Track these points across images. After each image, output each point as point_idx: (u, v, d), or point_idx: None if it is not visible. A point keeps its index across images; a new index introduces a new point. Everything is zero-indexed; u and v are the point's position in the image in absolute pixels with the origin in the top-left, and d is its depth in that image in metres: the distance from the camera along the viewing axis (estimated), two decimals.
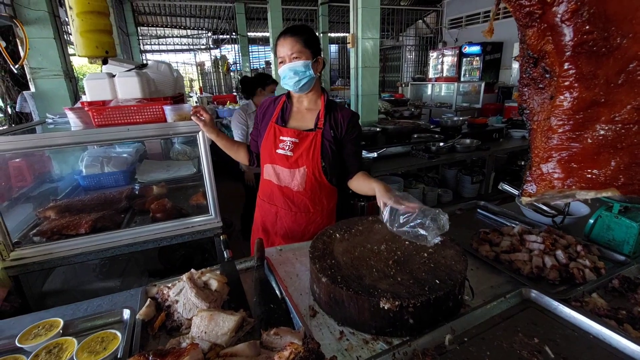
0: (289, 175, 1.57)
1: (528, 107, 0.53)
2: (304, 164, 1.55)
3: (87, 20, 0.99)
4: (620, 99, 0.45)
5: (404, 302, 0.92)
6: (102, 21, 1.01)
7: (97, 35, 1.02)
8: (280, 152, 1.56)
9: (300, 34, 1.48)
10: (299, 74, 1.48)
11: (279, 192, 1.62)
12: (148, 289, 1.20)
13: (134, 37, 8.60)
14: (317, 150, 1.53)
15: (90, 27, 0.99)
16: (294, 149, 1.55)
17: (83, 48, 1.01)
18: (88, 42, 1.02)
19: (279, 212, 1.66)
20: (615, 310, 1.02)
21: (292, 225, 1.65)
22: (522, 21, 0.48)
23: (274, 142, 1.58)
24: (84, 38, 0.99)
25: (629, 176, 0.44)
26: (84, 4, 0.98)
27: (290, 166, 1.56)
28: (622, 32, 0.44)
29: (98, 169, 2.37)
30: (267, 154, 1.60)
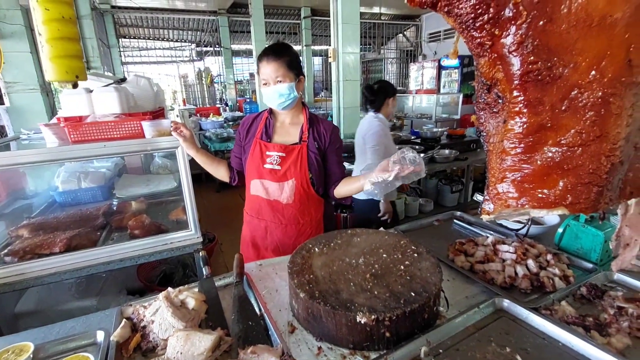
0: (277, 188, 1.60)
1: (484, 130, 0.56)
2: (292, 176, 1.58)
3: (57, 46, 0.99)
4: (565, 124, 0.48)
5: (380, 316, 0.93)
6: (73, 47, 1.00)
7: (67, 61, 1.02)
8: (268, 166, 1.59)
9: (283, 56, 1.51)
10: (283, 96, 1.53)
11: (268, 207, 1.63)
12: (123, 309, 1.17)
13: (115, 49, 8.49)
14: (304, 162, 1.58)
15: (60, 53, 0.98)
16: (281, 163, 1.58)
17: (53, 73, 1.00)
18: (58, 67, 1.01)
19: (268, 227, 1.67)
20: (583, 317, 1.06)
21: (283, 238, 1.67)
22: (474, 51, 0.52)
23: (261, 157, 1.60)
24: (54, 64, 0.98)
25: (575, 195, 0.48)
26: (53, 30, 0.97)
27: (278, 179, 1.59)
28: (564, 62, 0.48)
29: (75, 185, 2.32)
30: (255, 170, 1.62)
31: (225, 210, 5.05)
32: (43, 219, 1.97)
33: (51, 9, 0.95)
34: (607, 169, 0.47)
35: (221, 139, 5.54)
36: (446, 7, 0.50)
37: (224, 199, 5.59)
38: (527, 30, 0.47)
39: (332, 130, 1.64)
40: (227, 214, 4.84)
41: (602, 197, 0.48)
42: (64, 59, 1.00)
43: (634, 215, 0.74)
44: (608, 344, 0.97)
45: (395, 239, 1.34)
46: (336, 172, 1.66)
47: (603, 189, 0.48)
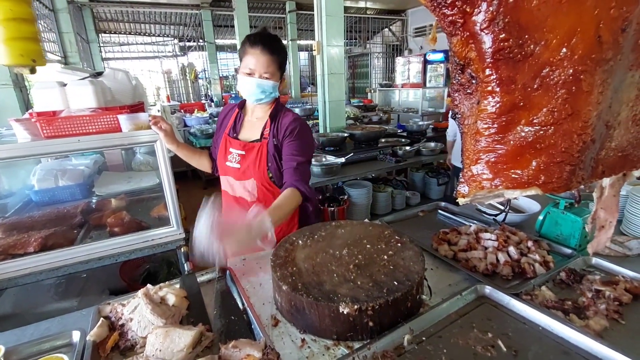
0: (240, 186, 1.57)
1: (459, 112, 0.55)
2: (252, 175, 1.53)
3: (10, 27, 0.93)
4: (538, 102, 0.48)
5: (363, 306, 0.93)
6: (27, 28, 0.95)
7: (21, 43, 0.97)
8: (228, 164, 1.57)
9: (278, 54, 1.46)
10: (265, 93, 1.48)
11: (235, 203, 1.60)
12: (101, 308, 1.14)
13: (95, 44, 8.25)
14: (262, 161, 1.51)
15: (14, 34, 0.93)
16: (241, 161, 1.54)
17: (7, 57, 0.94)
18: (12, 50, 0.96)
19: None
20: (562, 301, 1.08)
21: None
22: (447, 29, 0.51)
23: (224, 154, 1.58)
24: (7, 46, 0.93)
25: (548, 175, 0.47)
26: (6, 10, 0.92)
27: (239, 178, 1.56)
28: (535, 40, 0.47)
29: (52, 183, 2.24)
30: (220, 166, 1.62)
31: None
32: (17, 219, 1.90)
33: None
34: (579, 148, 0.46)
35: (206, 135, 5.46)
36: None
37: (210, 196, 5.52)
38: (498, 7, 0.46)
39: (290, 122, 1.50)
40: None
41: (575, 176, 0.48)
42: (17, 41, 0.94)
43: (609, 198, 0.74)
44: (586, 326, 0.99)
45: (380, 229, 1.34)
46: (290, 165, 1.46)
47: (575, 167, 0.47)
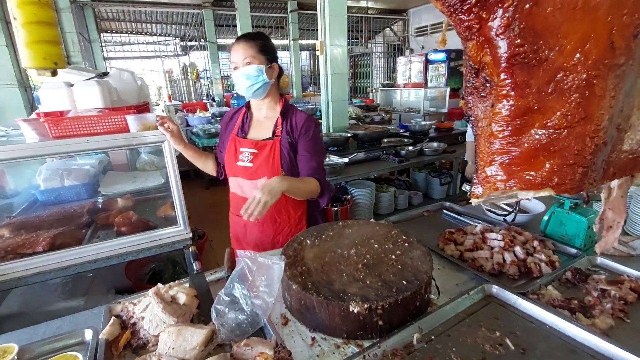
0: (251, 186, 1.55)
1: (473, 115, 0.56)
2: (264, 174, 1.51)
3: (33, 31, 0.95)
4: (552, 106, 0.49)
5: (373, 305, 0.94)
6: (50, 32, 0.96)
7: (45, 47, 0.98)
8: (240, 164, 1.55)
9: (254, 40, 1.46)
10: (251, 79, 1.45)
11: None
12: (112, 307, 1.16)
13: (97, 43, 8.25)
14: (276, 159, 1.51)
15: (37, 38, 0.94)
16: (253, 160, 1.53)
17: (30, 60, 0.96)
18: (35, 53, 0.97)
19: (247, 224, 1.64)
20: (568, 300, 1.09)
21: (261, 237, 1.64)
22: (462, 34, 0.52)
23: (234, 154, 1.57)
24: (31, 49, 0.94)
25: (561, 176, 0.48)
26: (29, 14, 0.93)
27: (251, 177, 1.54)
28: (549, 45, 0.48)
29: (57, 183, 2.25)
30: (229, 167, 1.61)
31: (214, 207, 5.00)
32: (25, 218, 1.91)
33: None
34: (592, 150, 0.48)
35: (209, 135, 5.47)
36: None
37: (213, 196, 5.54)
38: (513, 13, 0.47)
39: (305, 122, 1.53)
40: (217, 211, 4.79)
41: (587, 178, 0.49)
42: (41, 45, 0.95)
43: (617, 199, 0.76)
44: (593, 325, 1.00)
45: (386, 229, 1.35)
46: (304, 168, 1.54)
47: (588, 169, 0.49)
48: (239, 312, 1.02)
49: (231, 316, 1.02)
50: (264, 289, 1.07)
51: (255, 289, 1.07)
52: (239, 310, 1.03)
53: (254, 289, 1.07)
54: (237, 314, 1.02)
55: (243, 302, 1.04)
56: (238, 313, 1.02)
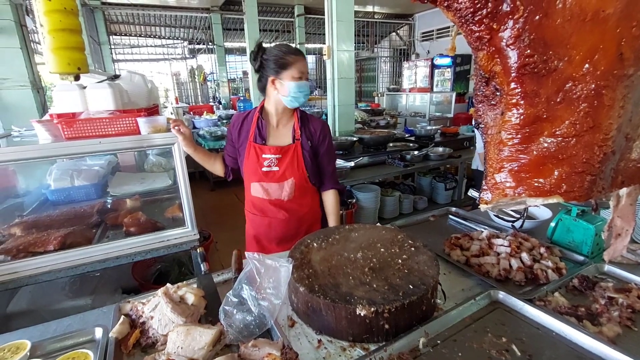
0: (278, 188, 1.65)
1: (482, 122, 0.57)
2: (291, 175, 1.64)
3: (59, 37, 0.98)
4: (560, 115, 0.50)
5: (379, 308, 0.95)
6: (75, 38, 0.99)
7: (70, 53, 1.01)
8: (265, 169, 1.63)
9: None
10: (308, 92, 1.60)
11: (270, 205, 1.68)
12: (122, 306, 1.17)
13: (106, 46, 8.37)
14: (300, 161, 1.64)
15: (63, 44, 0.97)
16: (278, 164, 1.63)
17: (55, 65, 0.99)
18: (60, 59, 1.00)
19: (272, 222, 1.72)
20: (575, 307, 1.09)
21: (286, 231, 1.73)
22: (473, 44, 0.53)
23: (257, 161, 1.62)
24: (56, 55, 0.98)
25: (570, 184, 0.49)
26: (55, 22, 0.96)
27: (278, 180, 1.64)
28: (559, 56, 0.49)
29: (67, 183, 2.29)
30: (253, 173, 1.65)
31: (219, 209, 5.03)
32: (36, 217, 1.95)
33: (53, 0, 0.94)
34: (600, 159, 0.49)
35: (215, 137, 5.51)
36: (446, 1, 0.52)
37: (218, 198, 5.57)
38: (524, 24, 0.48)
39: (322, 128, 1.70)
40: (222, 213, 4.83)
41: (595, 186, 0.50)
42: (65, 51, 0.99)
43: (625, 206, 0.76)
44: (600, 332, 1.00)
45: (393, 233, 1.36)
46: (328, 170, 1.75)
47: (596, 177, 0.50)
48: (247, 314, 1.04)
49: (239, 317, 1.03)
50: (272, 291, 1.09)
51: (262, 290, 1.09)
52: (247, 312, 1.04)
53: (261, 291, 1.08)
54: (244, 315, 1.03)
55: (251, 304, 1.06)
56: (246, 314, 1.04)
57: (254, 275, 1.11)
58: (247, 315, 1.03)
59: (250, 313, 1.04)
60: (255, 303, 1.05)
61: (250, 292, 1.07)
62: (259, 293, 1.08)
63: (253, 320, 1.02)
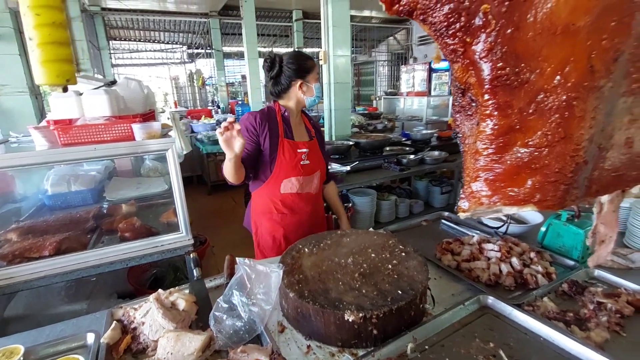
0: (309, 181, 1.76)
1: (460, 132, 0.59)
2: (318, 168, 1.79)
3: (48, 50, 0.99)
4: (533, 126, 0.51)
5: (368, 314, 0.96)
6: (64, 51, 1.01)
7: (58, 65, 1.02)
8: (302, 163, 1.72)
9: None
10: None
11: (300, 200, 1.76)
12: (114, 311, 1.18)
13: (105, 51, 8.42)
14: (320, 154, 1.83)
15: (51, 57, 0.99)
16: (309, 157, 1.75)
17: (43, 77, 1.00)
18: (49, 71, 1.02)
19: (301, 219, 1.79)
20: (563, 312, 1.10)
21: (312, 224, 1.83)
22: (448, 57, 0.54)
23: (294, 155, 1.70)
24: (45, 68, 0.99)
25: (543, 193, 0.50)
26: (45, 35, 0.98)
27: (310, 173, 1.76)
28: (531, 68, 0.50)
29: (65, 188, 2.30)
30: (291, 168, 1.70)
31: (217, 213, 5.03)
32: (32, 223, 1.95)
33: (42, 14, 0.95)
34: (572, 168, 0.50)
35: (213, 142, 5.53)
36: (421, 15, 0.53)
37: (215, 202, 5.57)
38: (496, 37, 0.49)
39: (319, 124, 1.96)
40: (219, 217, 4.83)
41: (569, 195, 0.51)
42: (54, 63, 1.00)
43: (608, 213, 0.77)
44: (587, 337, 1.01)
45: (384, 238, 1.37)
46: (328, 162, 1.97)
47: (569, 187, 0.51)
48: (237, 319, 1.04)
49: (229, 323, 1.04)
50: (262, 297, 1.09)
51: (253, 296, 1.09)
52: (237, 317, 1.05)
53: (252, 297, 1.09)
54: (234, 321, 1.04)
55: (241, 310, 1.06)
56: (236, 320, 1.04)
57: (244, 281, 1.12)
58: (236, 321, 1.04)
59: (240, 319, 1.04)
60: (245, 309, 1.06)
61: (240, 298, 1.08)
62: (249, 299, 1.09)
63: (243, 326, 1.03)
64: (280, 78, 1.68)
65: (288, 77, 1.67)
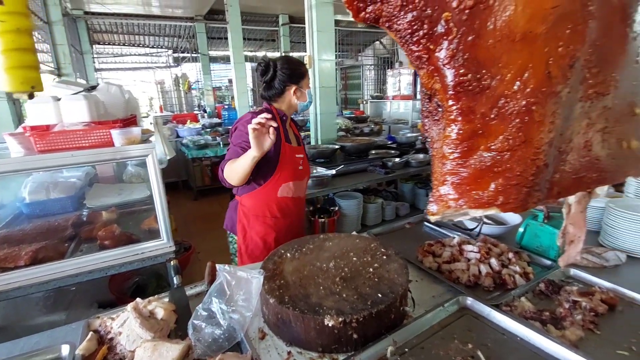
0: (301, 185, 1.80)
1: (429, 136, 0.60)
2: (308, 173, 1.86)
3: (12, 57, 0.98)
4: (495, 130, 0.53)
5: (347, 318, 0.96)
6: (28, 57, 0.99)
7: (23, 72, 1.01)
8: (300, 168, 1.76)
9: None
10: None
11: (293, 204, 1.78)
12: (90, 322, 1.15)
13: (89, 55, 8.27)
14: (306, 159, 1.85)
15: (16, 64, 0.97)
16: (302, 163, 1.78)
17: (8, 84, 0.98)
18: (14, 78, 1.00)
19: (292, 221, 1.81)
20: (540, 312, 1.12)
21: (300, 227, 1.89)
22: (414, 63, 0.55)
23: (294, 160, 1.73)
24: (9, 74, 0.97)
25: (505, 196, 0.52)
26: (8, 42, 0.96)
27: (302, 178, 1.80)
28: (491, 74, 0.52)
29: (43, 195, 2.24)
30: (292, 173, 1.71)
31: (202, 219, 4.97)
32: (8, 232, 1.90)
33: (7, 21, 0.94)
34: (533, 172, 0.51)
35: (198, 146, 5.47)
36: (387, 22, 0.54)
37: (201, 207, 5.51)
38: (457, 45, 0.51)
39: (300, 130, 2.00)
40: (205, 222, 4.77)
41: (530, 197, 0.52)
42: (19, 70, 0.98)
43: (576, 214, 0.79)
44: (562, 336, 1.03)
45: (366, 242, 1.37)
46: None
47: (530, 189, 0.52)
48: (216, 327, 1.03)
49: (208, 331, 1.02)
50: (242, 304, 1.08)
51: (233, 303, 1.08)
52: (216, 325, 1.04)
53: (232, 303, 1.08)
54: (214, 329, 1.03)
55: (220, 317, 1.05)
56: (215, 328, 1.03)
57: (224, 287, 1.10)
58: (216, 329, 1.02)
59: (220, 326, 1.03)
60: (224, 316, 1.05)
61: (220, 305, 1.07)
62: (229, 306, 1.07)
63: (222, 333, 1.02)
64: (274, 82, 1.69)
65: (282, 82, 1.68)
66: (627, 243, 1.45)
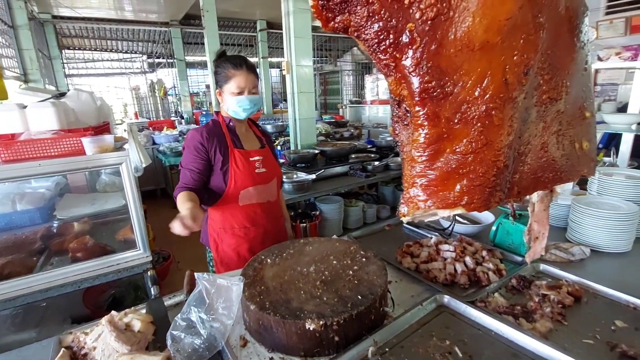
0: (267, 189, 1.72)
1: (399, 141, 0.62)
2: (274, 175, 1.76)
3: None
4: (459, 134, 0.56)
5: (328, 321, 0.97)
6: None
7: None
8: (258, 171, 1.68)
9: (255, 73, 1.65)
10: (256, 106, 1.65)
11: (261, 210, 1.71)
12: (62, 338, 1.11)
13: (58, 60, 7.97)
14: (274, 160, 1.80)
15: None
16: (264, 165, 1.70)
17: None
18: None
19: (266, 229, 1.74)
20: (512, 307, 1.17)
21: (276, 231, 1.80)
22: (382, 71, 0.58)
23: (248, 164, 1.65)
24: None
25: (470, 196, 0.54)
26: None
27: (266, 181, 1.72)
28: (454, 81, 0.55)
29: (9, 207, 2.14)
30: (248, 178, 1.64)
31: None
32: None
33: None
34: (494, 172, 0.54)
35: (176, 153, 5.36)
36: (355, 32, 0.56)
37: None
38: (421, 53, 0.53)
39: (269, 133, 1.95)
40: None
41: (493, 197, 0.56)
42: None
43: (540, 212, 0.84)
44: (533, 329, 1.07)
45: (346, 245, 1.39)
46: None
47: (493, 189, 0.55)
48: (196, 337, 1.02)
49: (187, 341, 1.01)
50: (223, 311, 1.07)
51: (213, 311, 1.07)
52: (196, 335, 1.02)
53: (212, 312, 1.07)
54: (193, 339, 1.01)
55: (200, 326, 1.04)
56: (195, 338, 1.01)
57: (204, 296, 1.09)
58: (195, 339, 1.01)
59: (199, 336, 1.02)
60: (204, 325, 1.04)
61: (199, 315, 1.05)
62: (209, 314, 1.06)
63: (202, 343, 1.00)
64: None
65: (215, 83, 1.64)
66: (590, 238, 1.53)
